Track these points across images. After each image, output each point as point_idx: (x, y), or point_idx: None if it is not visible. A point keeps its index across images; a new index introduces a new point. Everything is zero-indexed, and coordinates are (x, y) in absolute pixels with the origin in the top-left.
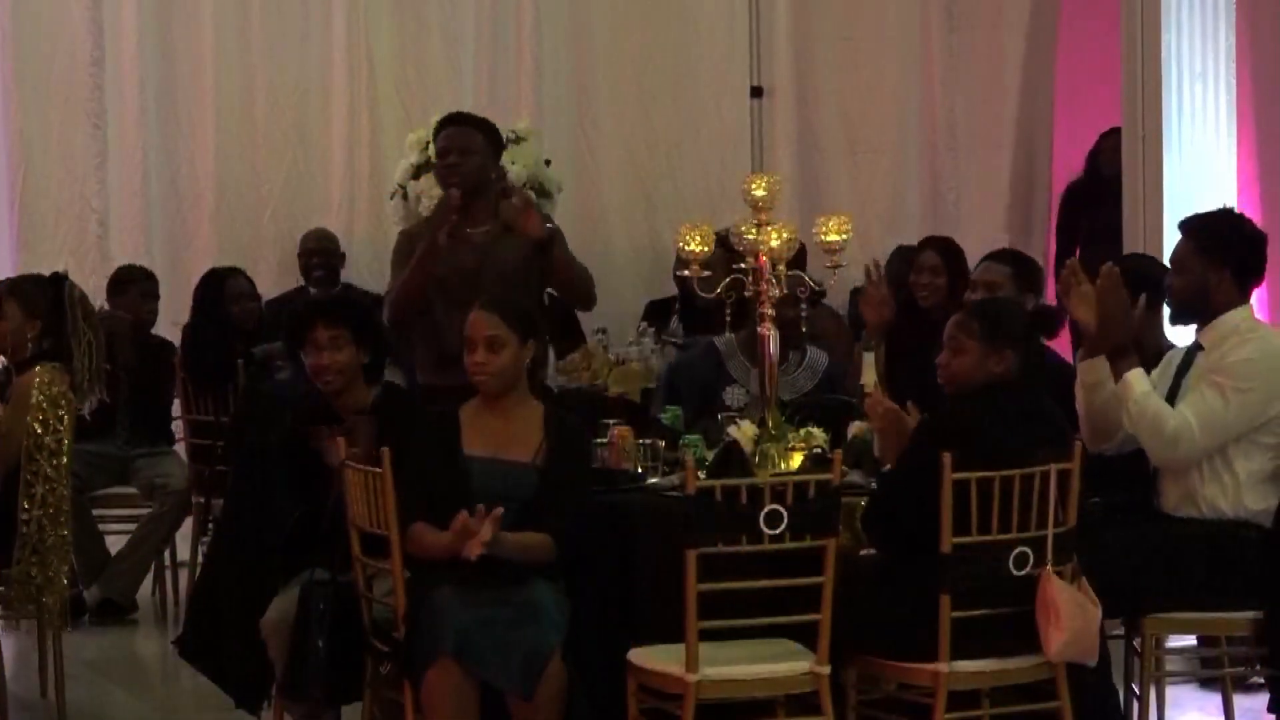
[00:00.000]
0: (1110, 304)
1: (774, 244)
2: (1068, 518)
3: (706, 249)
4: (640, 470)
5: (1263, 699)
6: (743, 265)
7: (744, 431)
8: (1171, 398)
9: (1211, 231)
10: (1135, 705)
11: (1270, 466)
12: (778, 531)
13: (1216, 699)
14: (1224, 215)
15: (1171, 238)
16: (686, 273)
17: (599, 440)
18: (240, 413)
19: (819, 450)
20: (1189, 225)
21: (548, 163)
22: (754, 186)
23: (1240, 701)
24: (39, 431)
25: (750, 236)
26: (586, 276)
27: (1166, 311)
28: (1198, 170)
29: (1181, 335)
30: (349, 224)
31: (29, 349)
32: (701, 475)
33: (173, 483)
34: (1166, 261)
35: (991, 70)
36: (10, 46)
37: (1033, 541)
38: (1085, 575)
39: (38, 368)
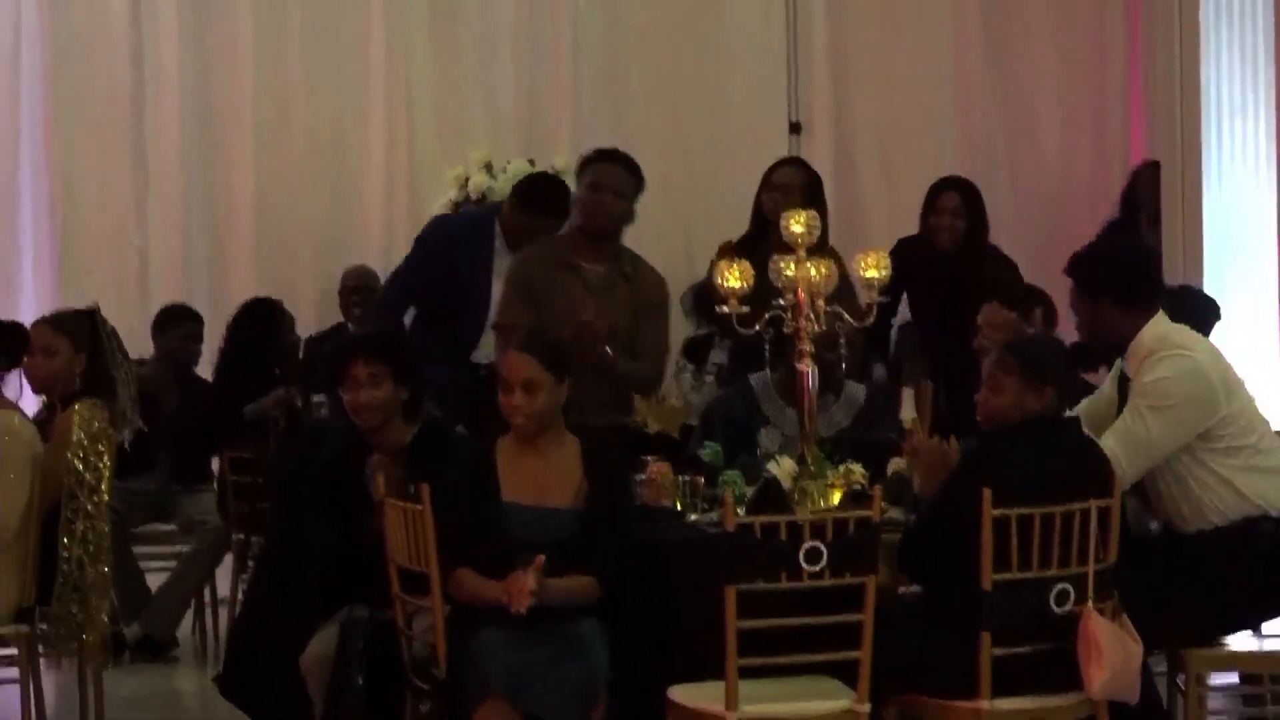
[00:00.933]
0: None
1: (813, 279)
2: (1108, 554)
3: (745, 284)
4: (679, 507)
5: None
6: (781, 301)
7: (783, 468)
8: None
9: (1083, 270)
10: None
11: (1249, 460)
12: (817, 568)
13: None
14: (1094, 249)
15: (1212, 272)
16: (725, 308)
17: (638, 476)
18: (280, 449)
19: (858, 487)
20: (1067, 267)
21: None
22: (792, 222)
23: None
24: (79, 468)
25: (789, 272)
26: (647, 382)
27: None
28: (1237, 204)
29: None
30: (388, 260)
31: (77, 384)
32: (741, 512)
33: (212, 519)
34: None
35: (1031, 100)
36: (51, 81)
37: (1074, 578)
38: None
39: (77, 405)
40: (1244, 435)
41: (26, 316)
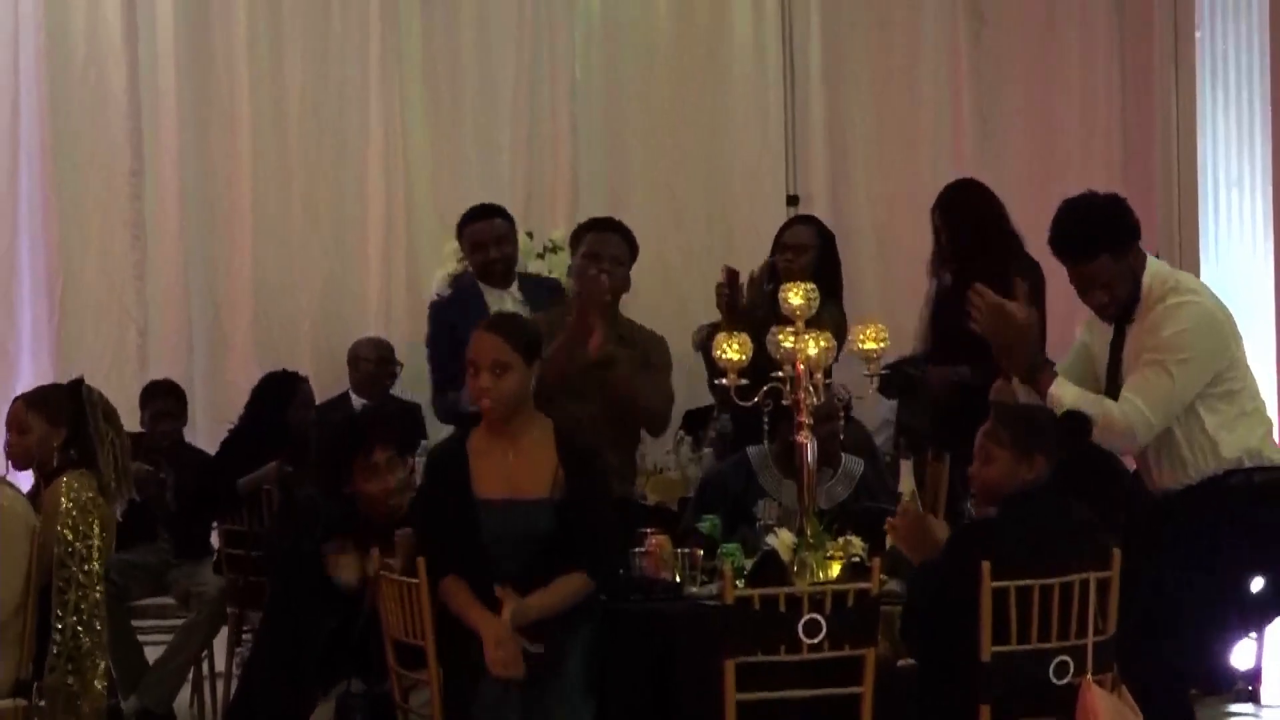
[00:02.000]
0: (999, 332)
1: (811, 352)
2: (1107, 626)
3: (743, 357)
4: (678, 579)
5: None
6: (780, 374)
7: (782, 540)
8: (1115, 370)
9: (1105, 230)
10: None
11: (1241, 406)
12: (816, 641)
13: None
14: (1090, 209)
15: None
16: (724, 381)
17: (636, 549)
18: (278, 523)
19: (857, 559)
20: (1085, 246)
21: None
22: (791, 294)
23: None
24: (70, 537)
25: (788, 345)
26: (653, 408)
27: None
28: (1234, 277)
29: None
30: (386, 333)
31: (56, 458)
32: (740, 584)
33: (209, 591)
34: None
35: (1027, 176)
36: (50, 156)
37: (1073, 650)
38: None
39: (65, 475)
40: (1242, 379)
41: (24, 390)
